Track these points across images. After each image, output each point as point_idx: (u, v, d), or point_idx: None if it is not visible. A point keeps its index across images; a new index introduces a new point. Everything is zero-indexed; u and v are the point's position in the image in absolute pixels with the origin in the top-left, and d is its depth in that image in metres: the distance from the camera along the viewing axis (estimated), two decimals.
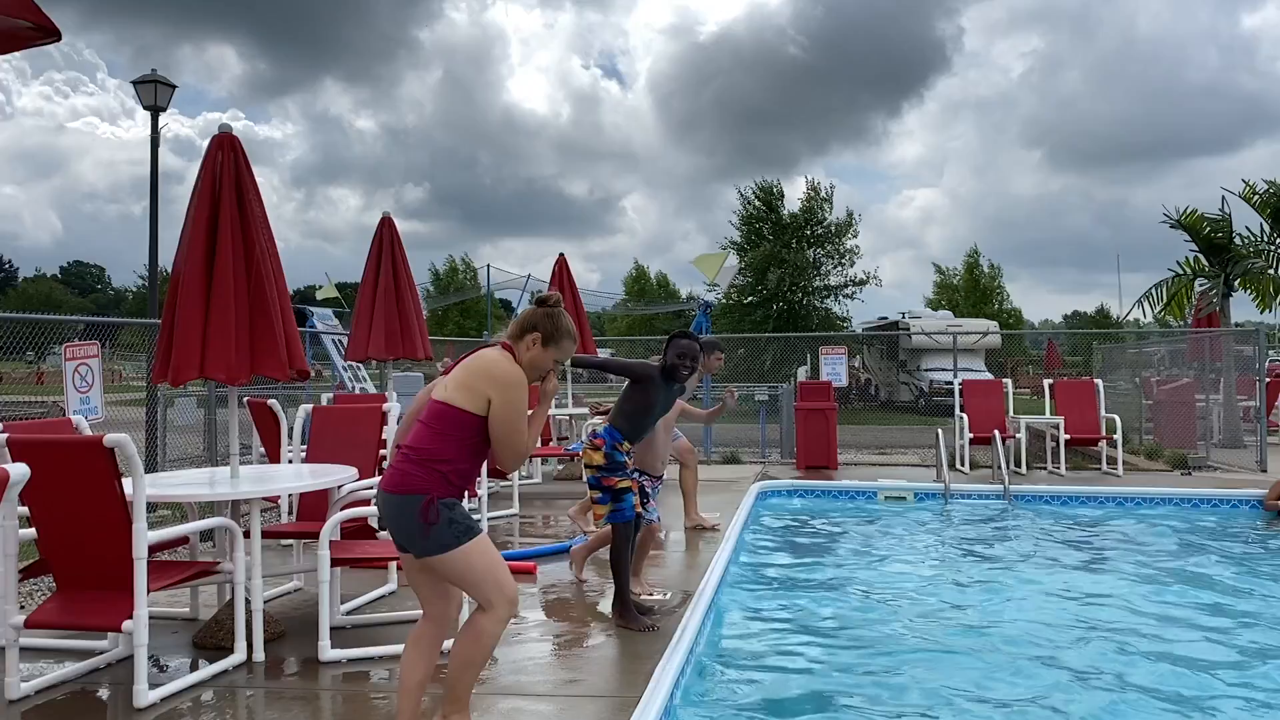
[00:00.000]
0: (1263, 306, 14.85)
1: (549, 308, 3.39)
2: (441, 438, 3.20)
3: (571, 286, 11.69)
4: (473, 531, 3.20)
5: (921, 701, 4.27)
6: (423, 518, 3.14)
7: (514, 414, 3.20)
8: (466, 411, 3.19)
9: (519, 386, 3.22)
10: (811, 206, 37.38)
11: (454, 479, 3.21)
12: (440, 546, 3.16)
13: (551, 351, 3.35)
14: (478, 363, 3.26)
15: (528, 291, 28.30)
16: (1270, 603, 6.03)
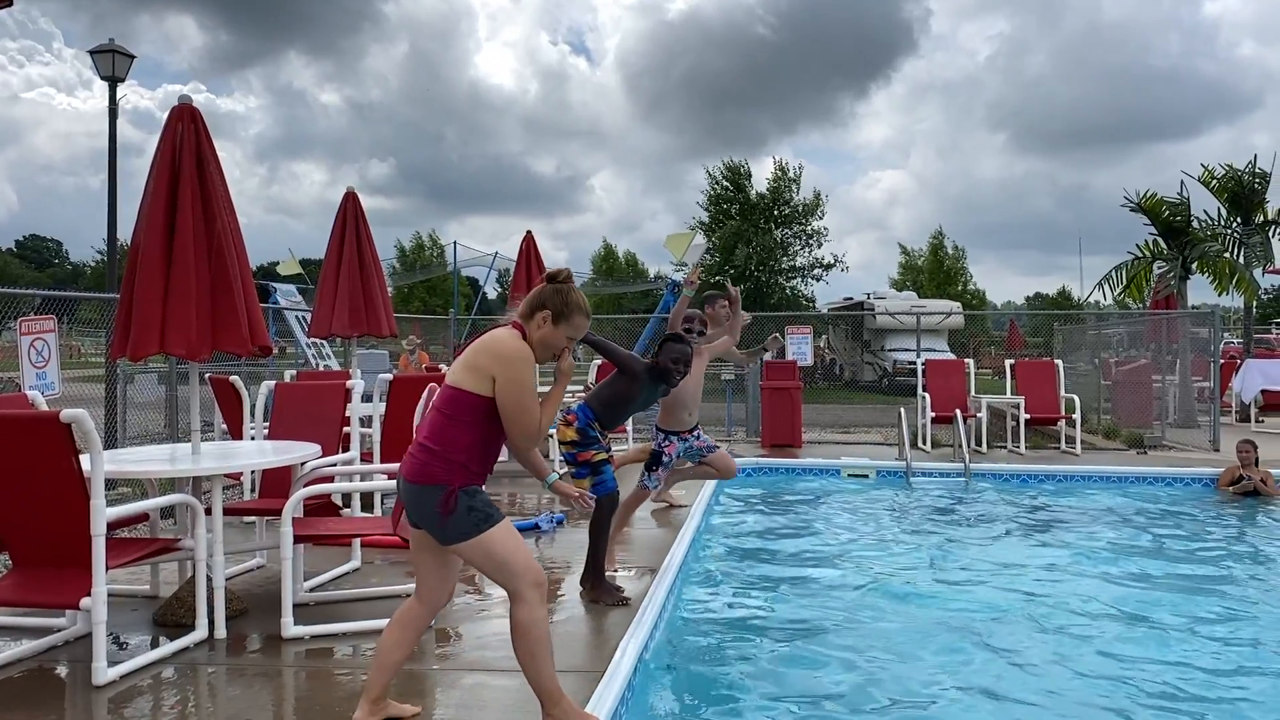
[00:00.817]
0: (1220, 290, 15.12)
1: (559, 284, 3.30)
2: (453, 423, 3.13)
3: (539, 265, 11.64)
4: (492, 519, 3.13)
5: (879, 671, 4.35)
6: (442, 508, 3.08)
7: (519, 391, 3.11)
8: (474, 394, 3.11)
9: (523, 362, 3.13)
10: (779, 187, 37.45)
11: (473, 466, 3.14)
12: (460, 535, 3.11)
13: (563, 329, 3.26)
14: (483, 342, 3.18)
15: (494, 269, 28.14)
16: (1220, 576, 6.20)
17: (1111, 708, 3.98)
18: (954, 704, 4.01)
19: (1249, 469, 8.89)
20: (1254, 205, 16.31)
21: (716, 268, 36.52)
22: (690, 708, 4.02)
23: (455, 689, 3.84)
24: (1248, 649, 4.80)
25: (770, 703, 4.05)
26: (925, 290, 42.53)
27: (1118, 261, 16.24)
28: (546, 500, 8.29)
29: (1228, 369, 15.25)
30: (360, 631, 4.46)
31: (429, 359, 16.07)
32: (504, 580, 3.18)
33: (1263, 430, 14.28)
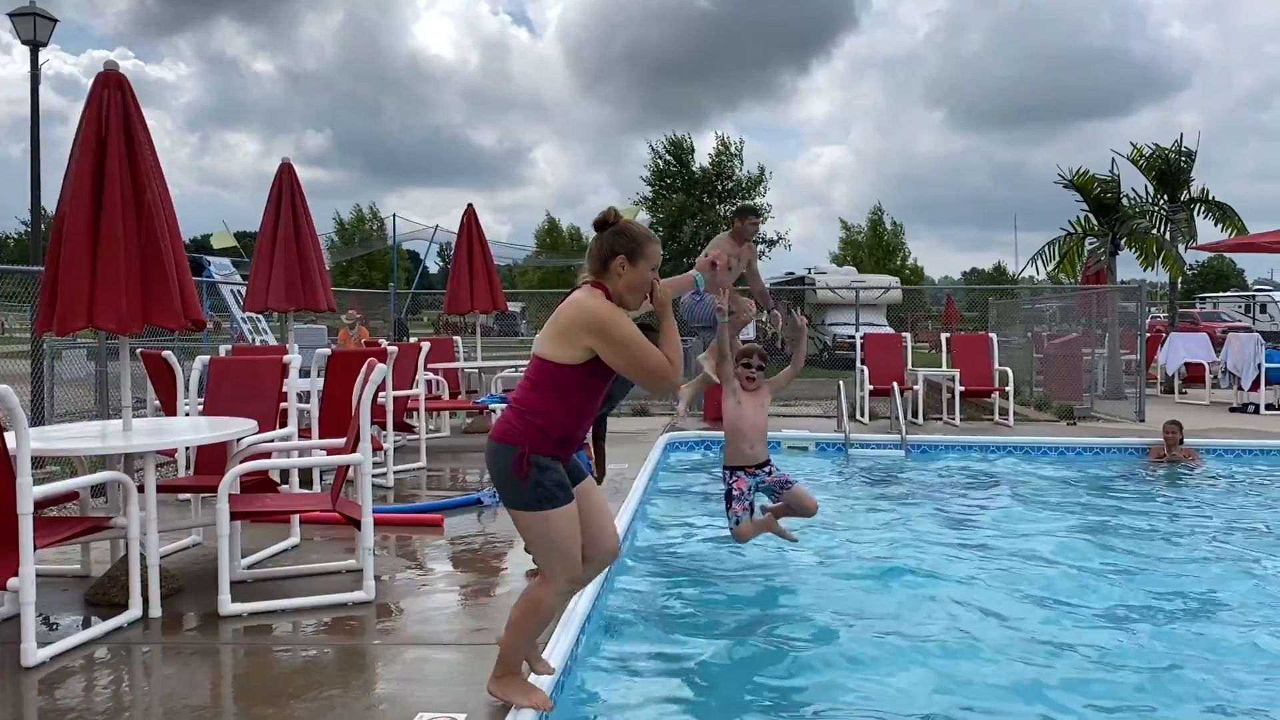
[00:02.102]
0: (1145, 265, 15.58)
1: (613, 226, 3.20)
2: (538, 391, 3.08)
3: (480, 238, 11.54)
4: (555, 501, 3.07)
5: (818, 641, 4.45)
6: (515, 471, 3.04)
7: (629, 347, 3.02)
8: (560, 364, 3.05)
9: (616, 321, 3.04)
10: (722, 161, 37.54)
11: (553, 433, 3.07)
12: (521, 503, 3.08)
13: (643, 264, 3.15)
14: (567, 311, 3.10)
15: (435, 243, 27.80)
16: (1145, 538, 6.45)
17: (1051, 666, 4.12)
18: (897, 669, 4.11)
19: (1175, 449, 9.21)
20: (1180, 183, 16.81)
21: (662, 242, 36.57)
22: (633, 675, 4.07)
23: (396, 663, 3.84)
24: (1177, 601, 5.05)
25: (711, 664, 4.11)
26: (865, 265, 43.09)
27: (1052, 237, 16.62)
28: (489, 477, 8.26)
29: (1153, 342, 15.73)
30: (300, 608, 4.43)
31: (369, 334, 15.86)
32: (544, 562, 3.18)
33: (1185, 401, 14.80)
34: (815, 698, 3.85)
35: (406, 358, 8.46)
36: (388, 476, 7.54)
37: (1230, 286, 50.12)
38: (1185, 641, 4.46)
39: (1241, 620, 4.75)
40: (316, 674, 3.71)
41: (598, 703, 3.75)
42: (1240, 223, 16.78)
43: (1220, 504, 7.72)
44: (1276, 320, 26.59)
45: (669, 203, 36.38)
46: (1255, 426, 11.58)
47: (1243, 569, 5.71)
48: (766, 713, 3.72)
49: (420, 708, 3.33)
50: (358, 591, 4.53)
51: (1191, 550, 6.21)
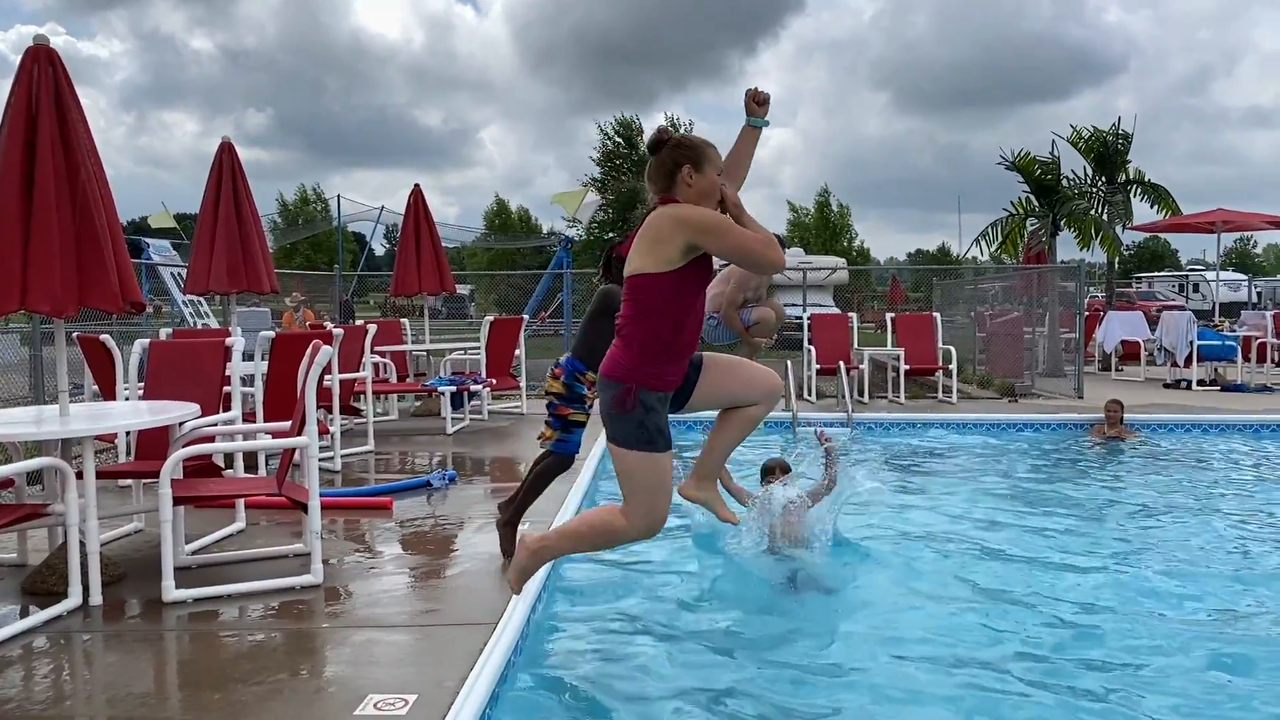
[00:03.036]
0: (1083, 245, 15.92)
1: (665, 140, 3.21)
2: (639, 316, 3.08)
3: (428, 220, 11.42)
4: (654, 445, 3.09)
5: (763, 613, 4.52)
6: (618, 405, 3.06)
7: (723, 226, 3.03)
8: (653, 274, 3.04)
9: (703, 210, 3.05)
10: None
11: (653, 347, 3.07)
12: (620, 438, 3.10)
13: (709, 169, 3.14)
14: (654, 219, 3.09)
15: (381, 224, 27.49)
16: (1082, 508, 6.67)
17: (994, 634, 4.23)
18: (839, 641, 4.20)
19: (1115, 428, 9.47)
20: (1117, 165, 17.19)
21: (612, 224, 36.50)
22: (584, 656, 4.10)
23: (345, 646, 3.82)
24: (1116, 568, 5.23)
25: (662, 645, 4.16)
26: (812, 247, 43.44)
27: (994, 218, 16.91)
28: (438, 460, 8.24)
29: (1092, 321, 16.11)
30: (246, 593, 4.37)
31: (314, 316, 15.64)
32: (630, 503, 3.18)
33: (1121, 378, 15.21)
34: (757, 665, 3.91)
35: (352, 340, 8.36)
36: (335, 460, 7.47)
37: (1164, 267, 51.52)
38: (1130, 605, 4.64)
39: (1180, 583, 4.94)
40: (264, 658, 3.68)
41: (544, 688, 3.76)
42: (1174, 204, 17.23)
43: (1159, 477, 7.99)
44: (1208, 299, 27.38)
45: (619, 185, 36.29)
46: (1188, 401, 11.94)
47: (1184, 538, 5.94)
48: (718, 683, 3.77)
49: (370, 689, 3.32)
50: (305, 575, 4.50)
51: (1132, 520, 6.43)
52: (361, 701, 3.22)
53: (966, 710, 3.49)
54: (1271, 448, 9.38)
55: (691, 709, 3.54)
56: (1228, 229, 18.29)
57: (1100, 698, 3.59)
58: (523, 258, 43.92)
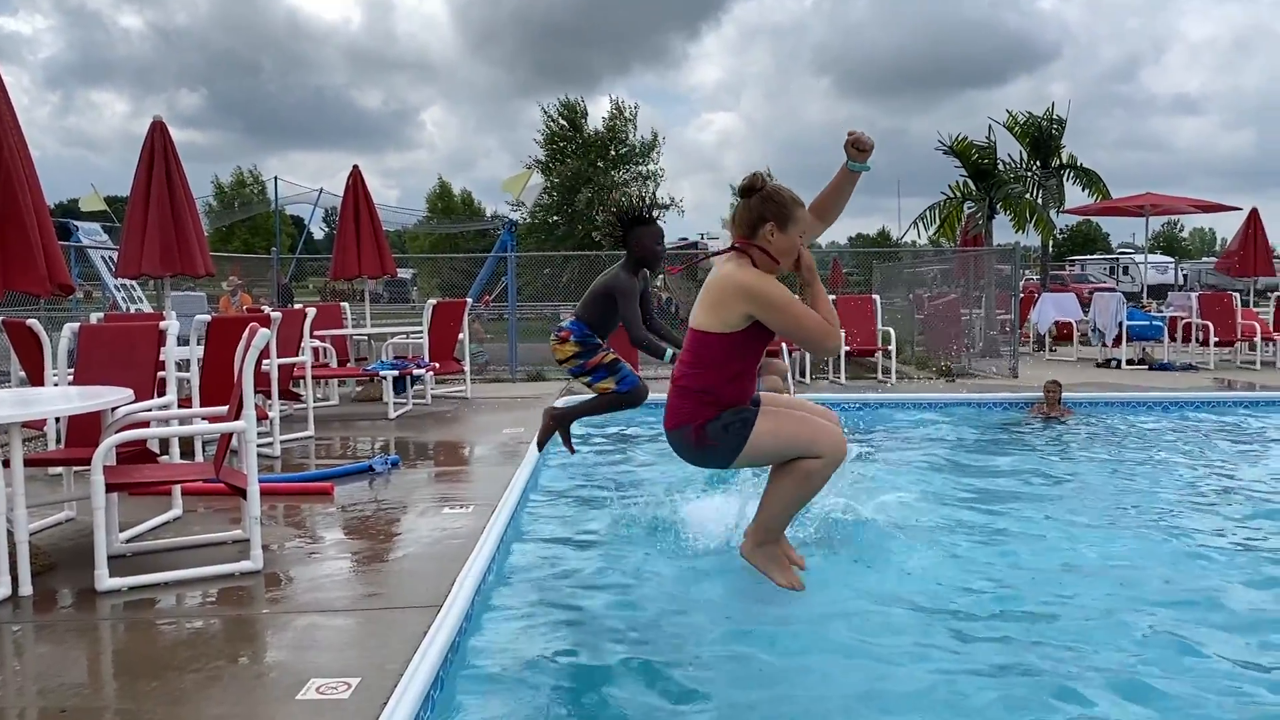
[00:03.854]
0: (1019, 228, 16.28)
1: (759, 191, 3.16)
2: (698, 367, 3.10)
3: (367, 202, 11.27)
4: (748, 423, 3.08)
5: (707, 595, 4.56)
6: (700, 444, 3.09)
7: (785, 304, 3.03)
8: (716, 333, 3.05)
9: (770, 287, 3.05)
10: (615, 126, 37.39)
11: (725, 400, 3.10)
12: (734, 450, 3.09)
13: (792, 229, 3.14)
14: (718, 282, 3.07)
15: (320, 206, 27.02)
16: (1028, 484, 6.87)
17: (946, 609, 4.31)
18: (793, 625, 4.26)
19: (1055, 407, 9.72)
20: (1051, 150, 17.58)
21: (556, 207, 36.33)
22: (531, 639, 4.11)
23: (286, 631, 3.78)
24: (1063, 541, 5.39)
25: (606, 627, 4.19)
26: None
27: (932, 202, 17.19)
28: (381, 445, 8.16)
29: (1026, 302, 16.49)
30: (184, 580, 4.31)
31: (251, 300, 15.34)
32: (800, 453, 3.16)
33: (1055, 358, 15.61)
34: (704, 646, 3.95)
35: (291, 324, 8.23)
36: (274, 446, 7.36)
37: (1096, 250, 52.87)
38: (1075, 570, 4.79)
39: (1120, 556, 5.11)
40: (202, 645, 3.63)
41: (489, 671, 3.77)
42: (1104, 188, 17.68)
43: (1099, 452, 8.26)
44: (1137, 281, 28.17)
45: (563, 167, 36.10)
46: (1118, 380, 12.31)
47: (1122, 512, 6.14)
48: (667, 665, 3.79)
49: (313, 674, 3.29)
50: (245, 561, 4.44)
51: (1075, 494, 6.65)
52: (303, 686, 3.20)
53: (931, 695, 3.51)
54: (1198, 422, 9.73)
55: (639, 692, 3.56)
56: (1155, 213, 18.81)
57: (1054, 667, 3.69)
58: (466, 241, 43.50)
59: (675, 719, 3.38)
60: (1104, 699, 3.41)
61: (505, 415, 9.49)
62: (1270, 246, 16.22)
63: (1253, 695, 3.46)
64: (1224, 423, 9.74)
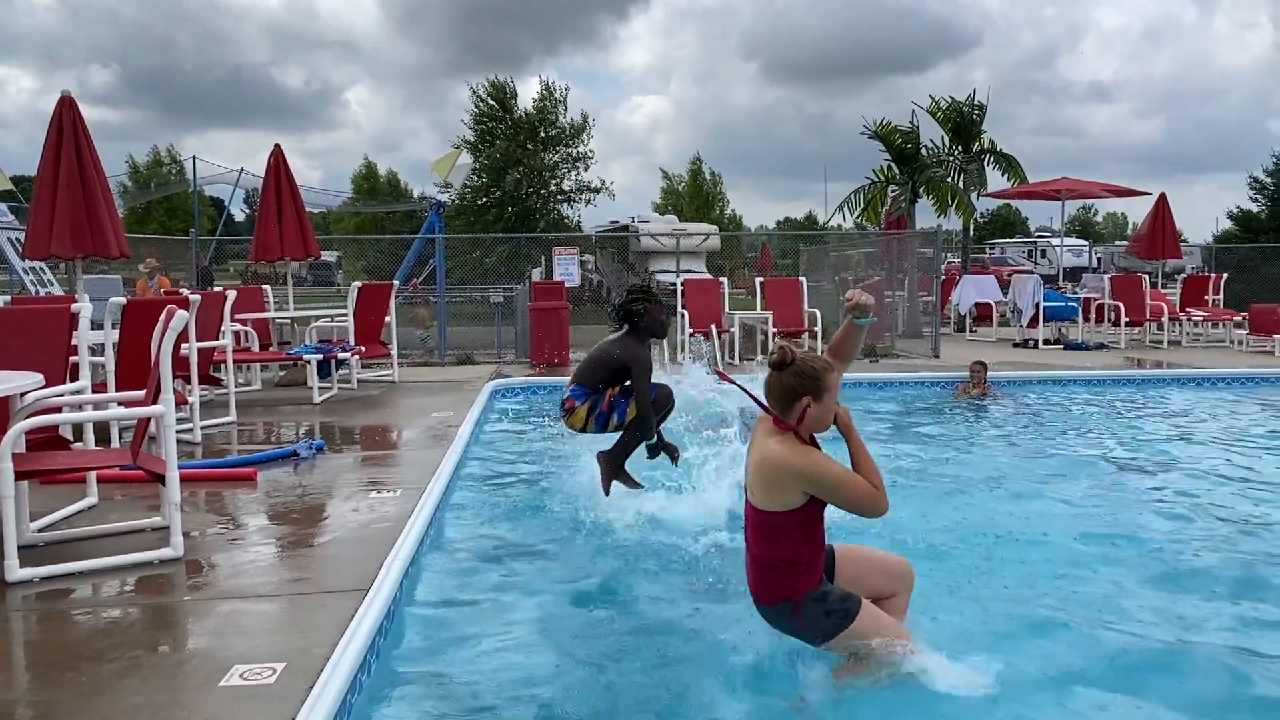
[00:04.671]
0: (940, 211, 16.67)
1: (790, 365, 3.20)
2: (774, 541, 3.16)
3: (290, 181, 11.02)
4: (850, 614, 3.15)
5: (637, 580, 4.62)
6: (804, 621, 3.16)
7: (838, 488, 3.12)
8: (782, 513, 3.12)
9: (819, 466, 3.12)
10: (545, 107, 37.11)
11: (812, 567, 3.18)
12: (832, 633, 3.16)
13: (827, 400, 3.18)
14: (770, 464, 3.13)
15: (241, 187, 26.33)
16: (960, 458, 7.12)
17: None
18: (700, 591, 4.33)
19: (980, 385, 10.00)
20: (972, 135, 18.02)
21: (485, 189, 35.96)
22: (459, 618, 4.11)
23: (208, 618, 3.72)
24: (1000, 507, 5.60)
25: (531, 610, 4.20)
26: (686, 214, 43.89)
27: (858, 186, 17.49)
28: (305, 430, 8.03)
29: (948, 285, 16.90)
30: (100, 569, 4.19)
31: (170, 283, 14.90)
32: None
33: (975, 339, 16.03)
34: (634, 632, 3.99)
35: (211, 307, 8.03)
36: (194, 432, 7.18)
37: (1015, 234, 54.32)
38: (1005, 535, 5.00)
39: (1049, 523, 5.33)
40: (120, 635, 3.55)
41: (418, 655, 3.75)
42: (1022, 173, 18.19)
43: (1022, 427, 8.57)
44: (1054, 264, 29.04)
45: (492, 149, 35.70)
46: (1035, 359, 12.72)
47: (1046, 482, 6.39)
48: (597, 651, 3.81)
49: (236, 660, 3.25)
50: (164, 549, 4.34)
51: (1004, 467, 6.90)
52: (226, 673, 3.16)
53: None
54: (1111, 398, 10.16)
55: (568, 678, 3.55)
56: (1071, 197, 19.38)
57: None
58: (392, 223, 42.79)
59: (608, 698, 3.41)
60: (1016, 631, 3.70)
61: (434, 399, 9.42)
62: (1178, 230, 16.85)
63: (1127, 611, 4.00)
64: (1133, 398, 10.16)
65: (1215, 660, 3.64)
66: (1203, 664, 3.61)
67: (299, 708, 2.89)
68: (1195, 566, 4.70)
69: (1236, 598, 4.28)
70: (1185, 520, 5.51)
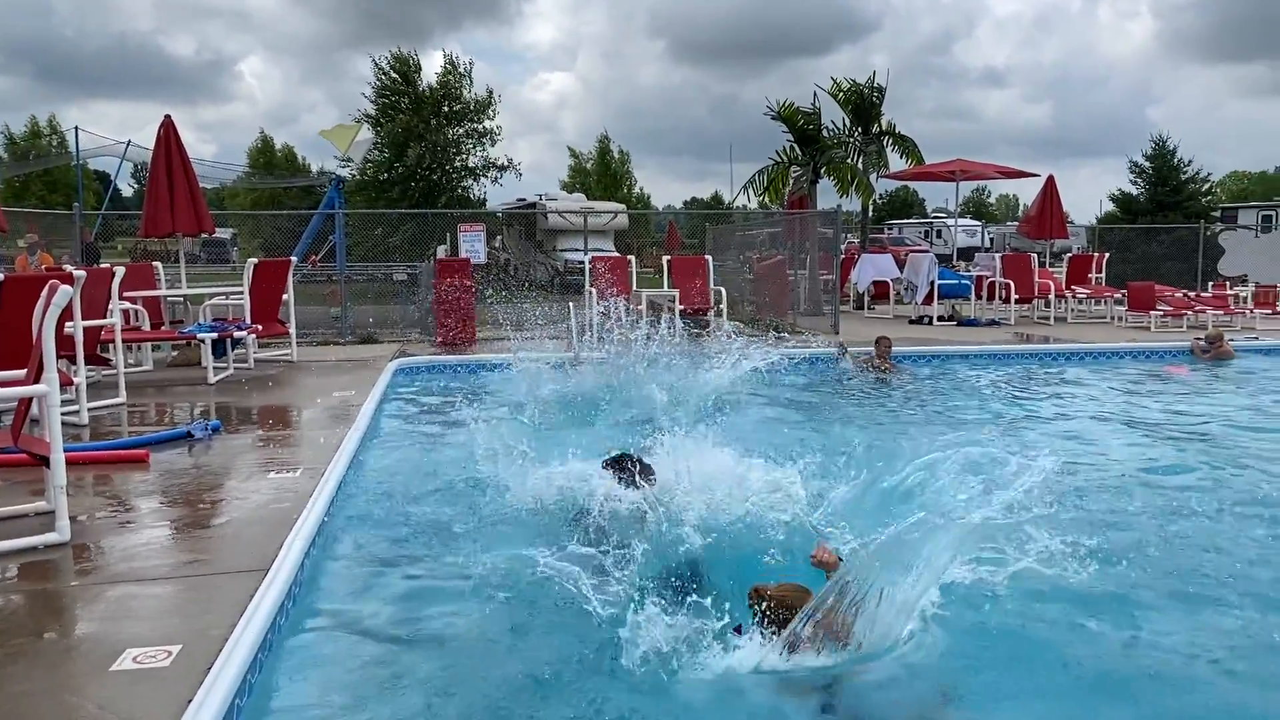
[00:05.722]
0: (842, 191, 17.04)
1: (764, 600, 3.41)
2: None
3: (181, 153, 10.58)
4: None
5: (529, 533, 4.60)
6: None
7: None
8: None
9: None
10: (449, 81, 36.42)
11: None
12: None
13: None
14: None
15: (129, 160, 25.19)
16: (870, 428, 7.41)
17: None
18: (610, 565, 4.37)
19: (883, 360, 10.30)
20: (872, 117, 18.42)
21: (387, 164, 35.17)
22: (362, 598, 4.08)
23: (98, 603, 3.61)
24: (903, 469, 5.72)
25: (435, 588, 4.19)
26: (594, 193, 43.75)
27: (761, 166, 17.74)
28: (200, 410, 7.80)
29: (847, 264, 17.30)
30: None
31: (52, 260, 14.20)
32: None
33: (873, 316, 16.47)
34: (526, 614, 3.96)
35: (98, 284, 7.69)
36: (81, 414, 6.89)
37: (912, 214, 55.83)
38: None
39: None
40: (2, 623, 3.42)
41: (320, 634, 3.72)
42: (919, 155, 18.70)
43: (927, 398, 9.00)
44: (949, 243, 29.96)
45: (394, 123, 34.89)
46: (931, 335, 13.16)
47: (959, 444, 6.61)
48: (485, 625, 3.80)
49: (128, 644, 3.18)
50: (50, 534, 4.18)
51: (909, 435, 7.15)
52: (118, 657, 3.09)
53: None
54: (1003, 370, 10.66)
55: (471, 655, 3.56)
56: (965, 178, 20.01)
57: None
58: (290, 199, 41.49)
59: (511, 675, 3.43)
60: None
61: (334, 378, 9.24)
62: (1064, 212, 17.58)
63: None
64: (1023, 371, 10.66)
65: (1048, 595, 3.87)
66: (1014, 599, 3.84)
67: (196, 689, 2.85)
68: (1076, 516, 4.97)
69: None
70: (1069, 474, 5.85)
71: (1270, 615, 3.87)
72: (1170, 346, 11.84)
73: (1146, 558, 4.48)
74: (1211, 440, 7.21)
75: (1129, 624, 3.82)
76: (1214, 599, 4.06)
